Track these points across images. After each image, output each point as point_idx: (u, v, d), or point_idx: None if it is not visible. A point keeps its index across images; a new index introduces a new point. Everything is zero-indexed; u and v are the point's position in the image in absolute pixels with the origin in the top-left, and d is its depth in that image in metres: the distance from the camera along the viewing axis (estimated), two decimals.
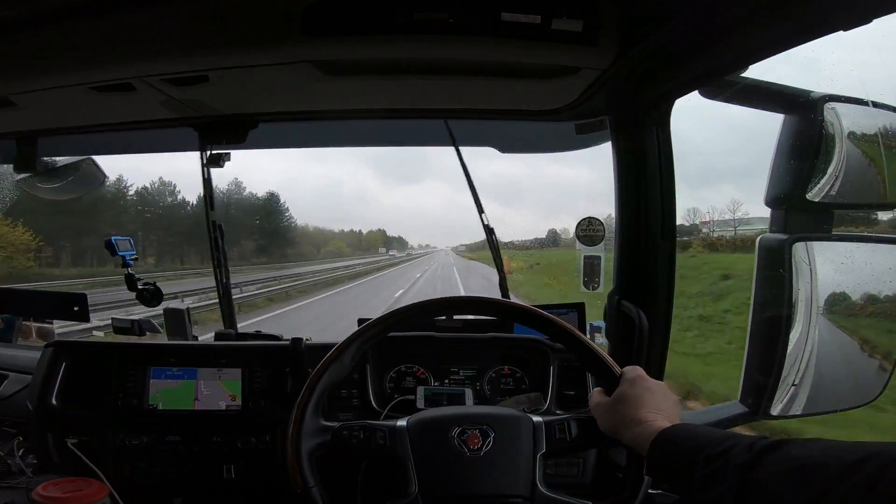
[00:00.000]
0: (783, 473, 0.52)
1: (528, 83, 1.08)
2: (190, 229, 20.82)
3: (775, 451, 0.55)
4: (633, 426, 0.73)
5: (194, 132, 1.32)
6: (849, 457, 0.48)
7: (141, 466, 1.09)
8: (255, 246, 26.73)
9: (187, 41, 0.93)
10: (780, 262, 1.13)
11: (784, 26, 0.78)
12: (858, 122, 1.11)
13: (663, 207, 1.16)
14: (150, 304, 1.37)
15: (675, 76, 1.02)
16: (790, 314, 1.15)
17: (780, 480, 0.52)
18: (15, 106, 1.13)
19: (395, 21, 0.87)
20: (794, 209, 1.14)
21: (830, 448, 0.52)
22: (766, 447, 0.56)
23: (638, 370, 0.81)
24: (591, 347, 0.87)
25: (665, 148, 1.15)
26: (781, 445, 0.55)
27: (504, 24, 0.86)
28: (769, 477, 0.53)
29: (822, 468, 0.49)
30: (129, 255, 1.34)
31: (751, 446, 0.57)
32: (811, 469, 0.50)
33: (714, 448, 0.60)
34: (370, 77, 1.08)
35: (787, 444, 0.55)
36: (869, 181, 1.16)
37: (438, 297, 0.93)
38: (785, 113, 1.12)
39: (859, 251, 1.18)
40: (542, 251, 16.13)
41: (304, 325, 8.59)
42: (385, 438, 0.83)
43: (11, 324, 1.58)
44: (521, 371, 1.26)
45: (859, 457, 0.48)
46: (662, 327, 1.20)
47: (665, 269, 1.19)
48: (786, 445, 0.55)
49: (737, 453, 0.57)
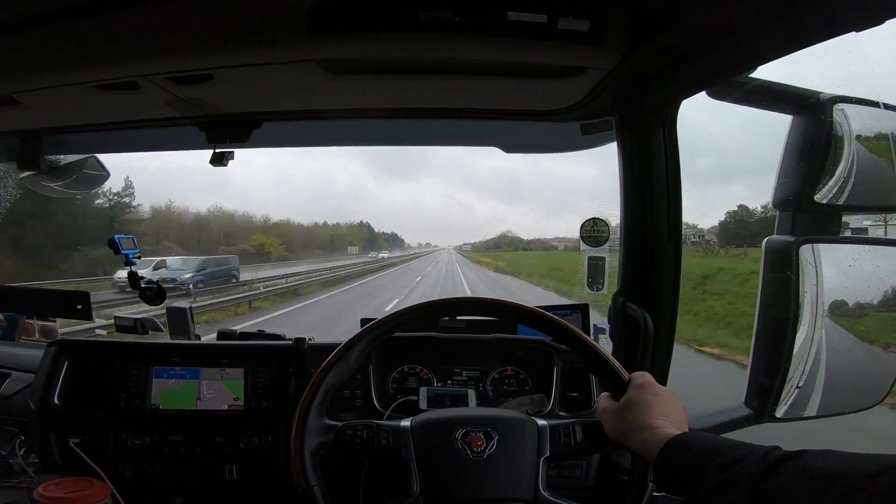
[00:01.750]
0: (797, 484, 0.52)
1: (534, 83, 1.07)
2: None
3: (791, 461, 0.54)
4: (640, 432, 0.72)
5: (198, 131, 1.32)
6: (864, 469, 0.48)
7: (143, 466, 1.09)
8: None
9: (192, 40, 0.92)
10: (786, 265, 1.12)
11: (794, 27, 0.77)
12: (868, 123, 1.10)
13: (669, 209, 1.16)
14: (152, 302, 1.37)
15: (683, 77, 1.01)
16: (796, 316, 1.15)
17: (794, 491, 0.51)
18: (19, 104, 1.13)
19: (401, 20, 0.87)
20: (801, 211, 1.14)
21: (846, 460, 0.51)
22: (781, 458, 0.56)
23: (647, 376, 0.80)
24: (599, 352, 0.86)
25: (671, 149, 1.14)
26: (797, 456, 0.55)
27: (510, 24, 0.86)
28: (783, 487, 0.53)
29: (836, 479, 0.49)
30: (132, 254, 1.33)
31: (765, 456, 0.57)
32: (826, 480, 0.50)
33: (727, 456, 0.60)
34: (375, 76, 1.07)
35: (803, 454, 0.55)
36: (878, 183, 1.15)
37: (443, 298, 0.93)
38: (793, 114, 1.11)
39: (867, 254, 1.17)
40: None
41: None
42: (388, 439, 0.83)
43: (14, 322, 1.58)
44: (525, 372, 1.26)
45: (875, 470, 0.47)
46: (667, 330, 1.19)
47: (671, 270, 1.18)
48: (802, 456, 0.55)
49: (750, 462, 0.57)
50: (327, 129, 1.48)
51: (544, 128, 1.39)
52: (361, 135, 1.58)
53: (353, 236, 44.71)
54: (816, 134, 1.08)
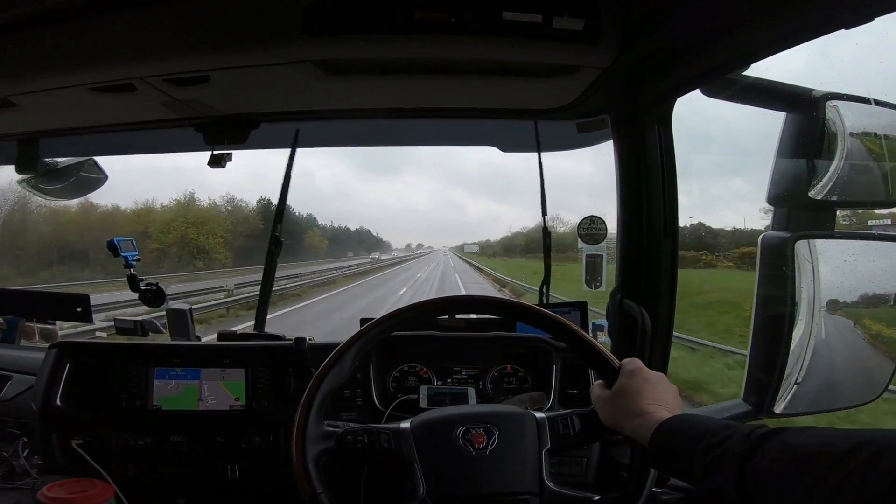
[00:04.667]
0: (780, 462, 0.53)
1: (529, 82, 1.07)
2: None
3: (771, 439, 0.56)
4: (633, 418, 0.74)
5: (196, 132, 1.32)
6: (843, 444, 0.49)
7: (145, 467, 1.10)
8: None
9: (188, 41, 0.92)
10: (782, 261, 1.13)
11: (786, 24, 0.78)
12: (860, 120, 1.11)
13: (665, 206, 1.16)
14: (153, 304, 1.38)
15: (677, 74, 1.02)
16: (793, 312, 1.15)
17: (778, 469, 0.53)
18: (16, 107, 1.13)
19: (396, 20, 0.87)
20: (796, 207, 1.14)
21: (824, 436, 0.52)
22: (762, 436, 0.57)
23: (636, 362, 0.81)
24: (589, 342, 0.87)
25: (667, 146, 1.15)
26: (777, 434, 0.56)
27: (505, 24, 0.86)
28: (767, 466, 0.54)
29: (816, 456, 0.50)
30: (131, 256, 1.34)
31: (748, 436, 0.58)
32: (807, 457, 0.51)
33: (713, 437, 0.61)
34: (371, 76, 1.08)
35: (782, 432, 0.56)
36: (871, 179, 1.16)
37: (441, 297, 0.93)
38: (787, 111, 1.12)
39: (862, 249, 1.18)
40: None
41: None
42: (390, 441, 0.83)
43: (14, 325, 1.58)
44: (524, 370, 1.26)
45: (853, 444, 0.49)
46: (665, 326, 1.20)
47: (667, 267, 1.19)
48: (781, 434, 0.56)
49: (734, 443, 0.58)
50: (324, 129, 1.48)
51: (540, 127, 1.40)
52: (358, 135, 1.59)
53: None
54: (810, 130, 1.09)
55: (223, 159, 1.34)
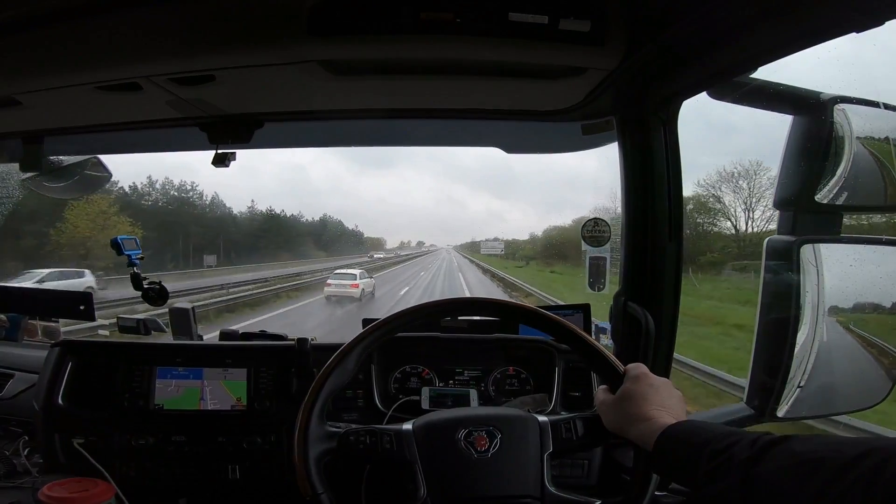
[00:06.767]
0: (786, 469, 0.53)
1: (535, 83, 1.07)
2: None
3: (777, 446, 0.56)
4: (637, 423, 0.73)
5: (200, 131, 1.32)
6: (849, 451, 0.49)
7: (146, 467, 1.10)
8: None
9: (194, 41, 0.92)
10: (787, 264, 1.12)
11: (795, 27, 0.77)
12: (869, 123, 1.10)
13: (670, 209, 1.16)
14: (155, 303, 1.37)
15: (683, 77, 1.01)
16: (797, 316, 1.15)
17: (783, 475, 0.53)
18: (21, 105, 1.13)
19: (402, 21, 0.87)
20: (802, 211, 1.14)
21: (831, 443, 0.52)
22: (768, 443, 0.57)
23: (641, 367, 0.81)
24: (594, 346, 0.86)
25: (672, 149, 1.14)
26: (783, 441, 0.56)
27: (511, 25, 0.86)
28: (772, 472, 0.54)
29: (823, 463, 0.50)
30: (134, 255, 1.34)
31: (754, 442, 0.58)
32: (813, 464, 0.51)
33: (718, 443, 0.61)
34: (376, 77, 1.07)
35: (789, 439, 0.56)
36: (879, 183, 1.16)
37: (444, 299, 0.93)
38: (794, 114, 1.11)
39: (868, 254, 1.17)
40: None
41: None
42: (391, 443, 0.83)
43: (17, 323, 1.58)
44: (526, 372, 1.26)
45: (859, 452, 0.48)
46: (669, 329, 1.20)
47: (672, 270, 1.18)
48: (788, 441, 0.56)
49: (740, 449, 0.58)
50: (329, 129, 1.48)
51: (545, 128, 1.39)
52: (363, 135, 1.59)
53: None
54: (817, 134, 1.08)
55: (227, 158, 1.33)
